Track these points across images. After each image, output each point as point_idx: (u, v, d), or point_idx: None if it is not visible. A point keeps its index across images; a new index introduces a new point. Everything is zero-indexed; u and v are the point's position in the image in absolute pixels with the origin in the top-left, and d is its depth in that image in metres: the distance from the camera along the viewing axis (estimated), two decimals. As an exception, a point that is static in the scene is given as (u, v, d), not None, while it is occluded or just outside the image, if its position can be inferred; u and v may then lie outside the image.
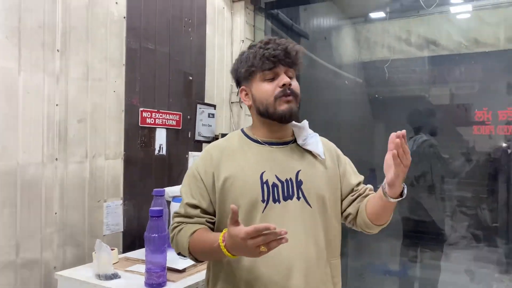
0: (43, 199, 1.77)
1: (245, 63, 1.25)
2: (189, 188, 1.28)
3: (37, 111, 1.75)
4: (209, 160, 1.27)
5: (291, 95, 1.21)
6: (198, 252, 1.20)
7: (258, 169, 1.22)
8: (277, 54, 1.19)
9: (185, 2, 2.51)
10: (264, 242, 0.97)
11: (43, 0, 1.76)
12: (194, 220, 1.24)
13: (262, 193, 1.20)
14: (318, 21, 4.00)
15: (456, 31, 3.51)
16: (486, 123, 2.66)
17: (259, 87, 1.24)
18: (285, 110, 1.21)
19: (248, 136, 1.30)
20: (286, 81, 1.20)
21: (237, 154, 1.26)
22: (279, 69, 1.21)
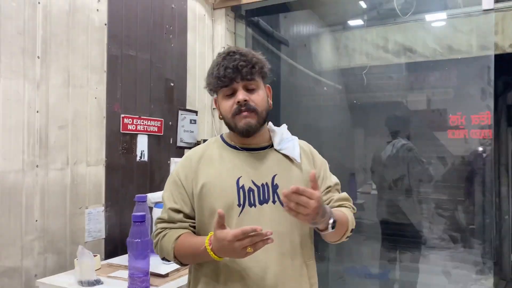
0: (24, 206, 1.76)
1: (208, 79, 1.28)
2: (170, 193, 1.30)
3: (17, 117, 1.74)
4: (188, 166, 1.30)
5: (247, 111, 1.22)
6: (183, 256, 1.22)
7: (235, 174, 1.25)
8: (228, 73, 1.20)
9: (166, 9, 2.53)
10: (251, 244, 1.01)
11: (23, 7, 1.76)
12: (177, 225, 1.26)
13: (238, 198, 1.23)
14: (298, 28, 4.06)
15: (431, 38, 3.62)
16: (460, 127, 2.76)
17: (221, 103, 1.27)
18: (243, 126, 1.23)
19: (226, 142, 1.33)
20: (240, 98, 1.21)
21: (215, 160, 1.29)
22: (236, 85, 1.22)
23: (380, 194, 3.57)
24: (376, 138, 3.78)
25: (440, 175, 3.41)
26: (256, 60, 1.24)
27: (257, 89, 1.26)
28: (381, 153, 3.48)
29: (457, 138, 2.86)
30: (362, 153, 3.93)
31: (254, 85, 1.25)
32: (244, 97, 1.22)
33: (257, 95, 1.25)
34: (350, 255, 3.92)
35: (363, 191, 3.76)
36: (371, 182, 3.73)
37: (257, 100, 1.24)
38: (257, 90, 1.25)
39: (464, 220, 3.56)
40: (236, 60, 1.21)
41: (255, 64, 1.23)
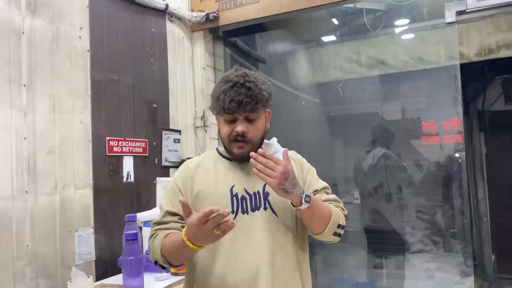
0: (14, 232, 1.78)
1: (212, 100, 1.35)
2: (168, 200, 1.38)
3: (5, 145, 1.77)
4: (185, 175, 1.39)
5: (242, 141, 1.31)
6: (168, 253, 1.27)
7: (228, 183, 1.34)
8: (232, 107, 1.27)
9: (146, 33, 2.61)
10: (215, 225, 1.09)
11: (8, 37, 1.81)
12: (168, 226, 1.33)
13: (232, 205, 1.31)
14: (274, 46, 4.19)
15: (401, 50, 3.79)
16: (433, 134, 2.89)
17: (221, 126, 1.36)
18: (237, 153, 1.33)
19: (221, 154, 1.42)
20: (238, 130, 1.29)
21: (210, 170, 1.38)
22: (238, 115, 1.30)
23: (364, 202, 3.66)
24: (355, 148, 3.90)
25: (420, 180, 3.53)
26: (261, 97, 1.30)
27: (256, 120, 1.33)
28: (362, 163, 3.58)
29: (431, 144, 2.99)
30: (342, 164, 4.04)
31: (254, 116, 1.32)
32: (243, 129, 1.29)
33: (256, 126, 1.32)
34: (337, 265, 3.98)
35: (346, 201, 3.86)
36: (353, 192, 3.82)
37: (254, 131, 1.32)
38: (256, 121, 1.33)
39: (445, 224, 3.68)
40: (241, 95, 1.26)
41: (259, 100, 1.29)
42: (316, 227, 1.31)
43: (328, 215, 1.31)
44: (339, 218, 1.34)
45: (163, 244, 1.28)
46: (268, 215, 1.32)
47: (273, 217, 1.32)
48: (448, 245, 3.65)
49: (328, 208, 1.33)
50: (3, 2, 1.80)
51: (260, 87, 1.31)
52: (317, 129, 4.24)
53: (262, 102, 1.31)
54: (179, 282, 1.90)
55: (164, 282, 1.87)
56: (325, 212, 1.30)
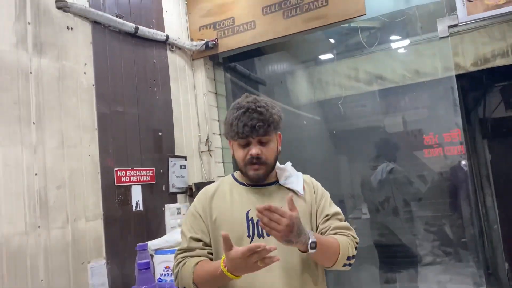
0: (29, 267, 1.81)
1: (226, 126, 1.42)
2: (190, 226, 1.43)
3: (17, 182, 1.82)
4: (204, 200, 1.45)
5: (257, 163, 1.37)
6: (201, 282, 1.31)
7: (244, 208, 1.39)
8: (245, 131, 1.34)
9: (148, 64, 2.69)
10: (259, 259, 1.14)
11: (17, 78, 1.88)
12: (195, 253, 1.38)
13: (248, 229, 1.36)
14: (273, 67, 4.27)
15: (398, 65, 3.85)
16: (434, 146, 2.92)
17: (235, 150, 1.42)
18: (252, 175, 1.39)
19: (237, 180, 1.48)
20: (254, 153, 1.36)
21: (226, 195, 1.44)
22: (251, 139, 1.37)
23: (373, 217, 3.66)
24: (360, 163, 3.92)
25: (427, 192, 3.53)
26: (272, 120, 1.37)
27: (269, 143, 1.40)
28: (369, 178, 3.60)
29: (434, 156, 3.02)
30: (348, 179, 4.06)
31: (266, 139, 1.39)
32: (257, 152, 1.36)
33: (269, 148, 1.39)
34: (349, 283, 3.95)
35: (354, 217, 3.86)
36: (361, 207, 3.83)
37: (267, 153, 1.39)
38: (269, 144, 1.40)
39: (455, 234, 3.67)
40: (254, 119, 1.34)
41: (271, 123, 1.37)
42: (326, 263, 1.35)
43: (337, 252, 1.32)
44: (348, 251, 1.36)
45: (196, 272, 1.32)
46: None
47: None
48: (459, 255, 3.63)
49: (336, 244, 1.33)
50: (11, 45, 1.88)
51: (271, 111, 1.38)
52: (320, 146, 4.28)
53: (273, 125, 1.38)
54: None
55: (178, 309, 1.88)
56: (333, 250, 1.32)
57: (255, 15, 2.88)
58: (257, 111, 1.35)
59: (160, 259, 2.16)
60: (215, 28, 3.02)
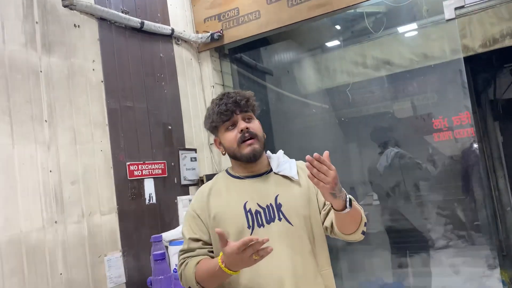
0: (48, 262, 1.86)
1: (209, 119, 1.47)
2: (189, 226, 1.44)
3: (33, 179, 1.86)
4: (201, 200, 1.47)
5: (250, 137, 1.41)
6: (203, 280, 1.34)
7: (241, 200, 1.40)
8: (229, 107, 1.40)
9: (155, 59, 2.71)
10: (254, 252, 1.16)
11: (28, 77, 1.92)
12: (196, 253, 1.40)
13: (247, 221, 1.38)
14: (280, 57, 4.26)
15: (405, 49, 3.82)
16: (444, 130, 2.90)
17: (224, 137, 1.45)
18: (249, 152, 1.41)
19: (231, 174, 1.50)
20: (243, 126, 1.41)
21: (222, 191, 1.46)
22: (236, 117, 1.42)
23: (383, 203, 3.67)
24: (370, 150, 3.91)
25: (438, 176, 3.52)
26: (249, 95, 1.45)
27: (252, 120, 1.45)
28: (376, 165, 3.59)
29: (444, 140, 3.01)
30: (358, 167, 4.06)
31: (250, 116, 1.44)
32: (246, 125, 1.40)
33: (255, 124, 1.44)
34: (362, 268, 3.97)
35: (365, 203, 3.87)
36: (372, 193, 3.83)
37: (255, 127, 1.43)
38: (253, 120, 1.45)
39: (467, 217, 3.66)
40: (233, 97, 1.42)
41: (249, 98, 1.44)
42: (351, 228, 1.35)
43: (360, 214, 1.35)
44: (365, 217, 1.39)
45: (197, 271, 1.34)
46: (283, 225, 1.37)
47: (288, 227, 1.37)
48: (472, 238, 3.62)
49: (359, 207, 1.36)
50: (20, 45, 1.91)
51: (246, 91, 1.47)
52: (329, 134, 4.28)
53: (252, 100, 1.44)
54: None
55: (194, 298, 1.92)
56: (358, 213, 1.34)
57: (260, 5, 2.88)
58: (233, 92, 1.45)
59: (175, 250, 2.19)
60: (220, 20, 3.03)
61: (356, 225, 1.35)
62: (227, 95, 1.44)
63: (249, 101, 1.44)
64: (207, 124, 1.50)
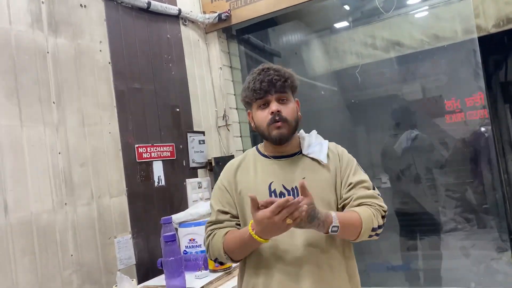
0: (59, 243, 1.87)
1: (243, 93, 1.42)
2: (217, 199, 1.45)
3: (42, 161, 1.86)
4: (229, 174, 1.46)
5: (280, 121, 1.35)
6: (232, 250, 1.33)
7: (267, 180, 1.38)
8: (263, 86, 1.34)
9: (162, 40, 2.67)
10: (289, 214, 1.12)
11: (35, 58, 1.89)
12: (224, 225, 1.39)
13: None
14: (288, 38, 4.20)
15: (416, 30, 3.74)
16: (456, 111, 2.86)
17: (256, 114, 1.40)
18: (276, 135, 1.36)
19: (260, 152, 1.48)
20: (274, 109, 1.35)
21: (250, 168, 1.44)
22: (270, 97, 1.36)
23: (394, 186, 3.63)
24: (378, 133, 3.88)
25: (448, 159, 3.48)
26: (289, 75, 1.38)
27: (288, 102, 1.39)
28: (391, 147, 3.55)
29: (455, 122, 2.96)
30: (367, 149, 4.02)
31: (285, 97, 1.38)
32: (278, 108, 1.35)
33: (288, 107, 1.38)
34: (370, 251, 3.97)
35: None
36: (380, 176, 3.81)
37: (288, 111, 1.37)
38: (288, 103, 1.39)
39: (477, 201, 3.63)
40: (270, 75, 1.35)
41: (287, 78, 1.37)
42: (350, 238, 1.33)
43: (358, 226, 1.29)
44: (373, 222, 1.32)
45: (226, 242, 1.34)
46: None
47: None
48: (482, 221, 3.60)
49: (357, 219, 1.29)
50: (27, 25, 1.88)
51: (285, 70, 1.39)
52: (338, 117, 4.23)
53: (291, 80, 1.38)
54: (219, 279, 1.96)
55: (204, 279, 1.93)
56: (354, 226, 1.29)
57: (268, -16, 2.82)
58: (272, 69, 1.37)
59: (185, 231, 2.20)
60: (227, 0, 2.97)
61: (353, 236, 1.31)
62: (266, 71, 1.37)
63: (287, 82, 1.37)
64: (241, 97, 1.45)
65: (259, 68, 1.39)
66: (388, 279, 3.75)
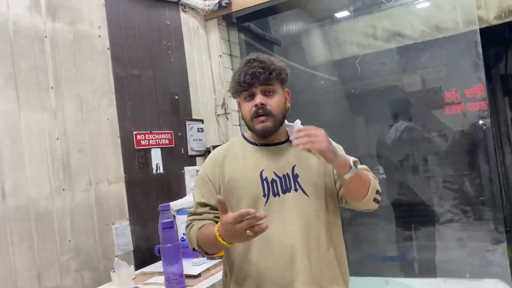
0: (56, 228, 1.87)
1: (230, 83, 1.41)
2: (199, 189, 1.44)
3: (40, 146, 1.85)
4: (214, 164, 1.44)
5: (263, 115, 1.34)
6: (204, 244, 1.34)
7: (258, 168, 1.38)
8: (247, 79, 1.33)
9: (162, 26, 2.65)
10: (248, 226, 1.11)
11: (32, 42, 1.87)
12: (202, 217, 1.39)
13: (263, 189, 1.35)
14: (288, 27, 4.16)
15: (417, 20, 3.71)
16: (456, 102, 2.85)
17: (242, 106, 1.40)
18: (259, 129, 1.36)
19: (248, 140, 1.46)
20: (258, 101, 1.33)
21: (238, 156, 1.42)
22: (255, 89, 1.34)
23: (390, 177, 3.65)
24: (377, 124, 3.87)
25: (445, 150, 3.49)
26: (274, 67, 1.35)
27: (274, 94, 1.37)
28: (385, 137, 3.56)
29: (454, 113, 2.96)
30: (365, 140, 4.02)
31: (271, 89, 1.36)
32: (261, 101, 1.33)
33: (274, 99, 1.36)
34: (366, 241, 4.00)
35: (370, 177, 3.83)
36: (378, 167, 3.81)
37: (273, 104, 1.36)
38: (274, 95, 1.37)
39: (474, 193, 3.64)
40: (254, 67, 1.33)
41: (272, 71, 1.34)
42: (360, 193, 1.31)
43: (368, 180, 1.31)
44: (376, 185, 1.35)
45: (199, 235, 1.34)
46: (299, 196, 1.35)
47: (304, 198, 1.35)
48: (478, 213, 3.62)
49: (366, 173, 1.33)
50: (25, 8, 1.86)
51: (272, 61, 1.37)
52: (337, 107, 4.22)
53: (276, 73, 1.35)
54: (216, 265, 1.97)
55: (202, 266, 1.93)
56: (365, 177, 1.30)
57: (269, -29, 2.79)
58: (258, 60, 1.35)
59: (183, 219, 2.20)
60: (228, -14, 2.94)
61: (365, 191, 1.30)
62: (251, 63, 1.35)
63: (272, 74, 1.34)
64: (230, 87, 1.44)
65: (246, 59, 1.38)
66: (383, 269, 3.78)
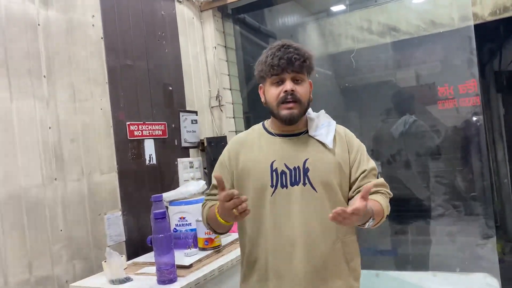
0: (48, 218, 1.86)
1: (259, 67, 1.40)
2: (216, 172, 1.48)
3: (32, 135, 1.84)
4: (232, 149, 1.48)
5: (291, 101, 1.34)
6: (211, 221, 1.44)
7: (269, 158, 1.39)
8: (281, 63, 1.31)
9: (156, 16, 2.63)
10: (234, 206, 1.18)
11: (25, 30, 1.85)
12: (215, 197, 1.42)
13: (271, 180, 1.36)
14: (283, 20, 4.15)
15: (413, 15, 3.71)
16: (449, 97, 2.86)
17: (268, 90, 1.39)
18: (286, 115, 1.35)
19: (266, 129, 1.47)
20: (288, 88, 1.33)
21: (254, 145, 1.45)
22: (285, 75, 1.34)
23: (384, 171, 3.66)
24: (371, 118, 3.88)
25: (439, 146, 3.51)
26: (308, 56, 1.35)
27: (302, 82, 1.37)
28: (391, 129, 3.56)
29: (447, 109, 2.97)
30: (358, 134, 4.03)
31: (301, 78, 1.36)
32: (292, 87, 1.33)
33: (303, 87, 1.36)
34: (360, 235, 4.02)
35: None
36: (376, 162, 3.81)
37: (302, 91, 1.36)
38: (302, 83, 1.37)
39: (465, 188, 3.67)
40: (290, 53, 1.32)
41: (306, 59, 1.34)
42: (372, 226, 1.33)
43: (382, 216, 1.33)
44: (388, 210, 1.36)
45: (208, 215, 1.44)
46: (307, 190, 1.35)
47: (311, 192, 1.35)
48: (469, 208, 3.65)
49: (381, 209, 1.33)
50: (17, -4, 1.84)
51: (306, 49, 1.37)
52: (331, 101, 4.21)
53: (309, 61, 1.36)
54: (208, 257, 1.97)
55: (194, 257, 1.94)
56: (379, 216, 1.32)
57: (266, -37, 2.77)
58: (293, 47, 1.34)
59: (175, 210, 2.21)
60: (224, -23, 2.92)
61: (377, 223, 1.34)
62: (286, 48, 1.33)
63: (305, 62, 1.34)
64: (256, 70, 1.42)
65: (279, 44, 1.36)
66: (376, 262, 3.81)
